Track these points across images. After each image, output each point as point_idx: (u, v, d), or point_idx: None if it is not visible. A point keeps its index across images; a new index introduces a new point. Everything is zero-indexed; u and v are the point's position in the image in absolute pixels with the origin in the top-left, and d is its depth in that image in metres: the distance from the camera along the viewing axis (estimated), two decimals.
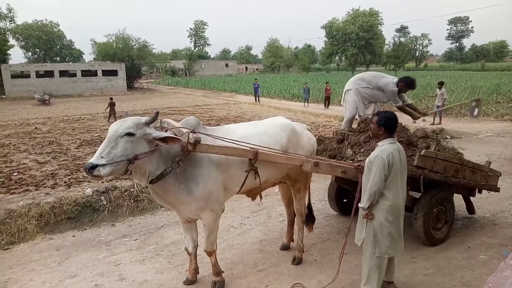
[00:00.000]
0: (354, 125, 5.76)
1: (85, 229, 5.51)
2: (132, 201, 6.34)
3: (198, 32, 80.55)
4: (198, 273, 3.91)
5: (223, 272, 3.84)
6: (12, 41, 41.23)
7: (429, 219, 4.39)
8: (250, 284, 3.84)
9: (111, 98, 16.70)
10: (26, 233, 5.27)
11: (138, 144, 2.91)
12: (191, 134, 3.11)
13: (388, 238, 3.21)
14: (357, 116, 5.67)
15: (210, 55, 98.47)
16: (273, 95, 26.82)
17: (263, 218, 5.64)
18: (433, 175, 4.18)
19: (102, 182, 6.67)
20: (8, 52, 37.77)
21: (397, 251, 3.34)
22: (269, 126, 3.89)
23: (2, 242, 5.05)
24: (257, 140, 3.59)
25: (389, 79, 5.45)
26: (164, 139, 2.96)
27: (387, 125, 3.23)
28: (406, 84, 5.42)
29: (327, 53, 70.49)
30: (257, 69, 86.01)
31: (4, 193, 6.32)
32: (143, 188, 6.50)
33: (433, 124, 12.80)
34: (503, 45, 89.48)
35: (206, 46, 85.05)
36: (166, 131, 3.17)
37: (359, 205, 3.25)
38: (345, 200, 5.62)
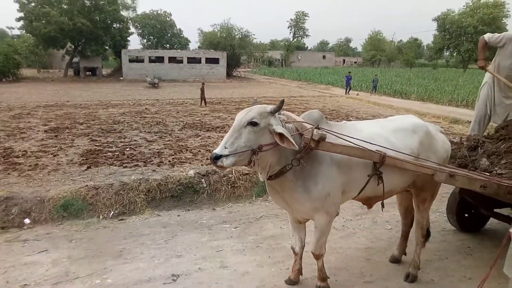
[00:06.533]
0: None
1: (188, 210, 5.69)
2: (229, 186, 6.39)
3: (298, 23, 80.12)
4: (301, 275, 3.69)
5: (329, 278, 3.55)
6: (132, 29, 45.54)
7: None
8: None
9: (202, 83, 17.74)
10: (135, 206, 5.63)
11: (262, 135, 2.73)
12: (315, 130, 2.84)
13: None
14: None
15: (307, 46, 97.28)
16: (371, 90, 25.37)
17: (368, 223, 5.19)
18: None
19: (203, 165, 6.88)
20: (128, 38, 41.78)
21: None
22: (399, 126, 3.44)
23: (116, 212, 5.46)
24: (385, 142, 3.19)
25: None
26: (280, 136, 2.69)
27: None
28: None
29: (436, 47, 64.13)
30: (355, 62, 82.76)
31: (118, 166, 6.89)
32: (240, 175, 6.55)
33: None
34: None
35: (305, 37, 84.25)
36: (285, 124, 2.93)
37: None
38: (466, 215, 4.88)
